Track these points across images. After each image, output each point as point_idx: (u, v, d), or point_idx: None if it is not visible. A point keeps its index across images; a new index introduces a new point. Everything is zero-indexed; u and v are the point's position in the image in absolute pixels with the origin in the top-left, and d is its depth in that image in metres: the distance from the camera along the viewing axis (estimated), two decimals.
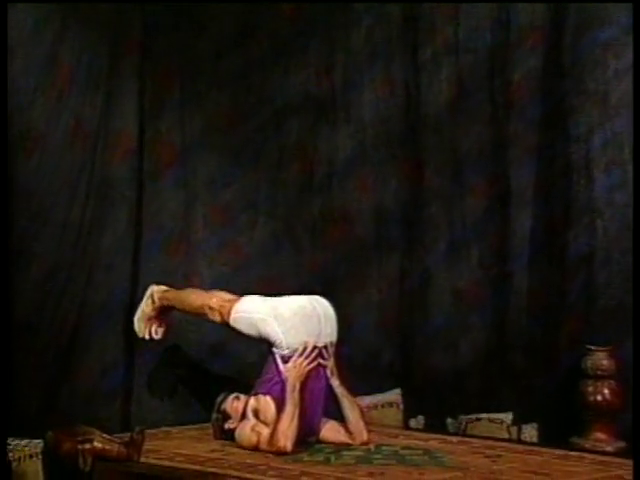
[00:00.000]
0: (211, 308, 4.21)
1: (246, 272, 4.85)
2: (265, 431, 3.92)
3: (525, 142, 4.84)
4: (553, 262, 4.86)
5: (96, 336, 4.51)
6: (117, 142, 4.59)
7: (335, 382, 4.06)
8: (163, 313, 4.41)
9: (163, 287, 4.43)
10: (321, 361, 4.03)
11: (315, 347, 4.04)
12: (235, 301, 4.17)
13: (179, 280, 4.73)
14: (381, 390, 4.85)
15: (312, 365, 3.99)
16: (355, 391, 4.27)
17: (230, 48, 4.86)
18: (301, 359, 3.98)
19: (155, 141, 4.71)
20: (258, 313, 4.11)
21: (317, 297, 4.17)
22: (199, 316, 4.30)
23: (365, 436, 4.05)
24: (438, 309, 4.99)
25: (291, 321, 4.05)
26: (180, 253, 4.78)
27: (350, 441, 4.04)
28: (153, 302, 4.35)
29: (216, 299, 4.21)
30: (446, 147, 4.98)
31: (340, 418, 4.09)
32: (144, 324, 4.30)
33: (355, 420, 4.05)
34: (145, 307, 4.36)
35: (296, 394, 3.90)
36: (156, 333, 4.37)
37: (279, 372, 4.00)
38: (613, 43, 4.73)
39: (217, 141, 4.86)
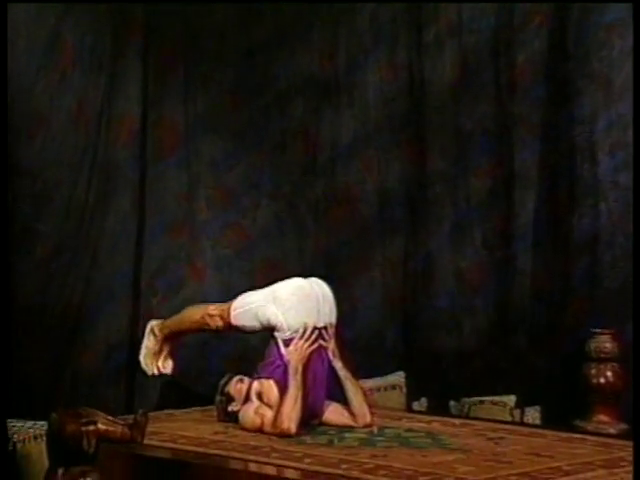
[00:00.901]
0: (211, 315, 4.21)
1: (249, 254, 4.85)
2: (269, 413, 3.92)
3: (529, 123, 4.83)
4: (557, 244, 4.85)
5: (100, 317, 4.51)
6: (120, 124, 4.57)
7: (338, 364, 4.06)
8: (168, 345, 4.35)
9: (160, 320, 4.38)
10: (322, 342, 4.02)
11: (315, 328, 4.03)
12: (232, 302, 4.17)
13: (182, 262, 4.72)
14: (384, 372, 4.84)
15: (313, 347, 3.98)
16: (358, 373, 4.26)
17: (234, 30, 4.83)
18: (302, 341, 3.97)
19: (158, 123, 4.69)
20: (256, 302, 4.11)
21: (315, 279, 4.16)
22: (203, 329, 4.26)
23: (368, 418, 4.04)
24: (442, 291, 4.99)
25: (289, 302, 4.05)
26: (183, 235, 4.77)
27: (353, 423, 4.03)
28: (155, 336, 4.31)
29: (213, 306, 4.22)
30: (450, 128, 4.97)
31: (343, 400, 4.08)
32: (150, 360, 4.25)
33: (358, 402, 4.04)
34: (148, 343, 4.32)
35: (299, 376, 3.90)
36: (164, 367, 4.33)
37: (281, 356, 3.99)
38: (617, 24, 4.70)
39: (220, 123, 4.84)
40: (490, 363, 4.88)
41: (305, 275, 4.28)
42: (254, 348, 4.43)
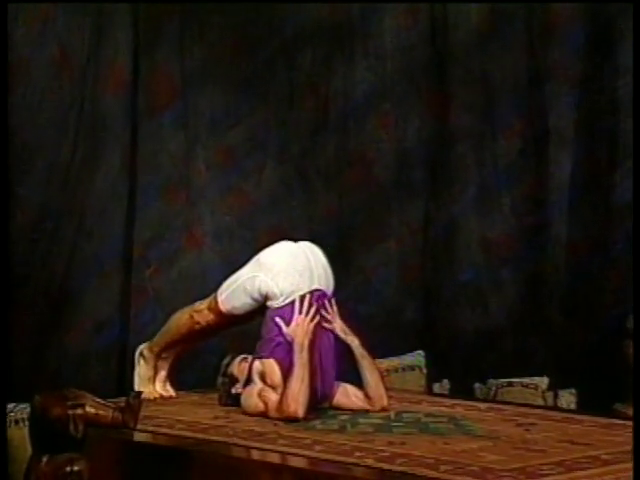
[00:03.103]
0: (198, 311, 4.19)
1: (253, 221, 4.85)
2: (273, 396, 3.92)
3: (566, 74, 4.81)
4: (596, 209, 4.85)
5: (88, 290, 4.51)
6: (109, 75, 4.56)
7: (354, 341, 4.04)
8: (163, 365, 4.31)
9: (147, 343, 4.34)
10: (324, 314, 4.01)
11: (312, 292, 4.00)
12: (215, 292, 4.16)
13: (178, 229, 4.72)
14: (402, 352, 4.85)
15: (316, 320, 3.97)
16: (373, 353, 4.26)
17: None
18: (302, 315, 3.96)
19: (151, 74, 4.67)
20: (242, 277, 4.10)
21: (303, 242, 4.16)
22: (194, 330, 4.22)
23: (385, 402, 4.04)
24: (466, 262, 5.00)
25: (277, 266, 4.04)
26: (179, 200, 4.77)
27: (368, 407, 4.03)
28: (146, 359, 4.28)
29: (198, 302, 4.21)
30: (476, 80, 4.96)
31: (356, 382, 4.08)
32: (146, 388, 4.22)
33: (375, 384, 4.03)
34: (140, 370, 4.28)
35: (304, 354, 3.89)
36: (165, 391, 4.30)
37: (280, 330, 3.99)
38: None
39: (221, 75, 4.83)
40: (520, 341, 4.90)
41: (315, 244, 4.27)
42: (259, 324, 4.43)
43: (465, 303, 4.99)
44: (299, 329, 3.94)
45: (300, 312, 3.97)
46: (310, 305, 3.99)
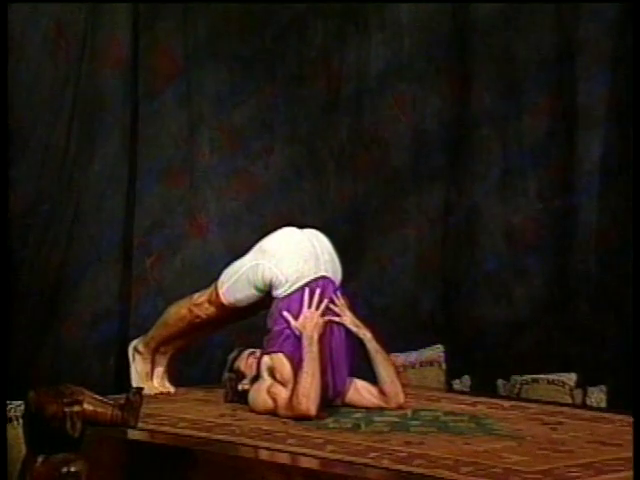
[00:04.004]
0: (198, 304, 4.18)
1: (261, 207, 4.86)
2: (283, 393, 3.93)
3: (596, 50, 4.78)
4: (628, 194, 4.82)
5: (85, 281, 4.52)
6: (107, 51, 4.56)
7: (367, 335, 4.04)
8: (160, 361, 4.30)
9: (140, 337, 4.33)
10: (332, 307, 4.00)
11: (318, 281, 4.00)
12: (214, 283, 4.15)
13: (181, 216, 4.72)
14: (420, 346, 4.85)
15: (323, 310, 3.96)
16: (389, 347, 4.26)
17: None
18: (312, 309, 3.96)
19: (152, 50, 4.67)
20: (244, 266, 4.10)
21: (307, 229, 4.15)
22: (194, 325, 4.22)
23: (401, 398, 4.04)
24: (488, 250, 5.00)
25: (280, 252, 4.05)
26: (182, 184, 4.77)
27: (383, 404, 4.03)
28: (141, 355, 4.28)
29: (197, 294, 4.20)
30: (500, 56, 4.95)
31: (370, 378, 4.08)
32: (146, 384, 4.20)
33: (390, 380, 4.03)
34: (136, 366, 4.28)
35: (314, 348, 3.90)
36: (164, 387, 4.30)
37: (288, 324, 3.99)
38: None
39: (226, 51, 4.83)
40: (546, 336, 4.89)
41: (326, 232, 4.27)
42: (265, 317, 4.43)
43: (487, 294, 4.99)
44: (308, 322, 3.94)
45: (309, 305, 3.97)
46: (320, 298, 3.98)
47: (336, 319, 4.01)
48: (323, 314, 3.98)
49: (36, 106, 4.43)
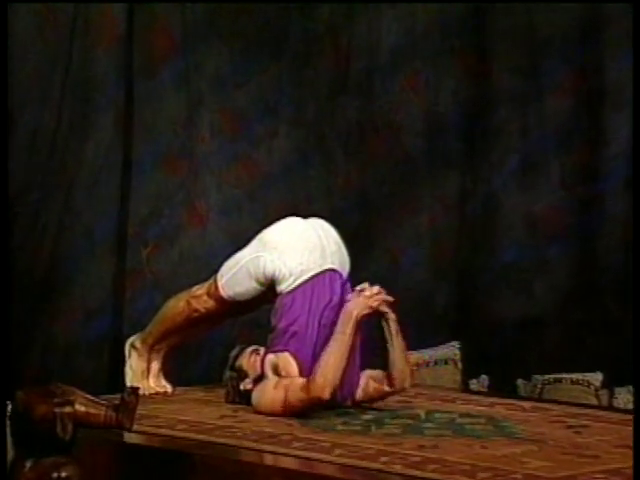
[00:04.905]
0: (196, 297, 4.19)
1: (264, 194, 4.86)
2: (296, 380, 3.90)
3: (624, 25, 4.76)
4: None
5: (77, 273, 4.53)
6: (99, 28, 4.56)
7: (392, 315, 3.99)
8: (156, 358, 4.32)
9: (138, 334, 4.34)
10: (387, 298, 3.98)
11: (325, 274, 3.99)
12: (214, 275, 4.15)
13: (179, 205, 4.73)
14: (434, 343, 4.86)
15: (378, 299, 3.91)
16: None
17: None
18: (368, 293, 3.89)
19: (148, 27, 4.67)
20: (244, 258, 4.10)
21: (312, 219, 4.15)
22: (192, 319, 4.23)
23: (408, 383, 4.03)
24: (507, 241, 5.01)
25: (282, 243, 4.06)
26: (180, 170, 4.78)
27: (387, 388, 4.02)
28: (138, 351, 4.30)
29: (195, 287, 4.21)
30: (520, 33, 4.95)
31: (381, 365, 4.05)
32: (141, 383, 4.22)
33: (402, 365, 4.01)
34: (132, 363, 4.31)
35: (349, 329, 3.84)
36: (162, 387, 4.31)
37: (294, 320, 3.98)
38: None
39: (227, 28, 4.83)
40: (569, 332, 4.90)
41: (334, 221, 4.26)
42: (268, 312, 4.43)
43: (506, 288, 5.00)
44: (360, 300, 3.90)
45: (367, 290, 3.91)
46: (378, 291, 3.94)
47: (386, 309, 3.96)
48: (377, 303, 3.94)
49: (23, 86, 4.43)
